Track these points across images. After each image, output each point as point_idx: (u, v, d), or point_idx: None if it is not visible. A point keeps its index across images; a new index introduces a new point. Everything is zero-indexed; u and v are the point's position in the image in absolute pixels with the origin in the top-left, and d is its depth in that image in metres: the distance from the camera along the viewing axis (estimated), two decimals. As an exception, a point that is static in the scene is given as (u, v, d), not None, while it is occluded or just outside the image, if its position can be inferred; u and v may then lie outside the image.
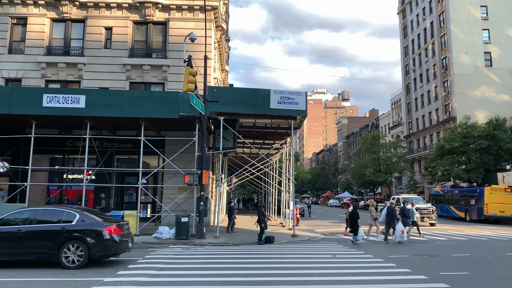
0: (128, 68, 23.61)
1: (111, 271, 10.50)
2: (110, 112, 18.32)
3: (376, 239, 20.06)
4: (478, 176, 38.13)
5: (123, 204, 23.11)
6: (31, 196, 19.81)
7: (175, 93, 19.11)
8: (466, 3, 54.05)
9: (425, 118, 60.99)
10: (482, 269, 11.30)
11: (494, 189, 31.96)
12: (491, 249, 15.94)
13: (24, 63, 23.57)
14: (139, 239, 17.26)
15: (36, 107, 17.98)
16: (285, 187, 28.43)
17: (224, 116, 19.61)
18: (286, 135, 25.50)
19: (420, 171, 60.08)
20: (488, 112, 47.33)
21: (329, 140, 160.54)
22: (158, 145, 21.26)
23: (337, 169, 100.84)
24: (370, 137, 62.83)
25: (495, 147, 37.62)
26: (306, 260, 12.94)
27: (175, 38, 23.88)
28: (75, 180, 23.33)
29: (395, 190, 66.40)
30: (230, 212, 22.11)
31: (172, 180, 22.04)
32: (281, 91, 19.71)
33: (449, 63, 53.73)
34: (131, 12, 24.25)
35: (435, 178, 42.88)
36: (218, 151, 20.67)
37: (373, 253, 14.37)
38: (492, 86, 52.27)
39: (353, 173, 66.12)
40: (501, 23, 53.32)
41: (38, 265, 11.14)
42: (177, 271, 10.77)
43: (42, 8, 24.07)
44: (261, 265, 11.91)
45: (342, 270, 10.97)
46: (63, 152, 23.05)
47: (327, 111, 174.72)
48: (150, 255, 13.51)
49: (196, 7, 24.11)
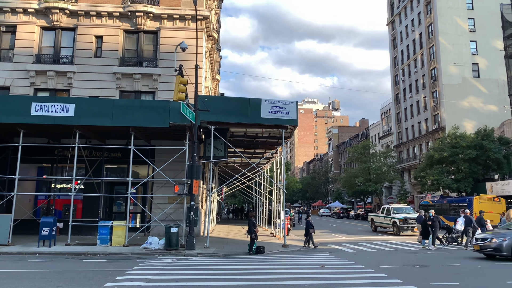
0: (119, 77, 23.51)
1: (98, 283, 10.31)
2: (99, 121, 18.17)
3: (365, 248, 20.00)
4: (467, 186, 38.45)
5: (112, 214, 22.83)
6: (18, 206, 19.47)
7: (166, 102, 19.03)
8: (454, 15, 55.04)
9: (414, 128, 61.56)
10: (472, 280, 11.32)
11: (482, 198, 32.22)
12: (481, 259, 15.99)
13: (13, 71, 23.35)
14: (128, 250, 17.04)
15: (24, 116, 17.74)
16: (276, 196, 28.36)
17: (215, 125, 19.55)
18: (277, 144, 25.51)
19: (410, 180, 60.47)
20: (476, 122, 47.95)
21: (320, 149, 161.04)
22: (148, 154, 21.10)
23: (328, 179, 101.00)
24: (360, 147, 63.14)
25: (483, 157, 38.02)
26: (296, 270, 12.85)
27: (166, 47, 23.86)
28: (63, 189, 23.05)
29: (385, 199, 66.64)
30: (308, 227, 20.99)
31: (162, 189, 21.85)
32: (272, 100, 19.74)
33: (437, 73, 54.47)
34: (122, 21, 24.22)
35: (424, 187, 43.15)
36: (208, 160, 20.57)
37: (364, 263, 14.32)
38: (479, 96, 53.05)
39: (344, 182, 66.27)
40: (488, 35, 54.30)
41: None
42: (166, 282, 10.61)
43: (32, 16, 23.93)
44: (251, 276, 11.79)
45: (332, 281, 10.90)
46: (52, 161, 22.78)
47: (317, 120, 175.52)
48: (139, 266, 13.31)
49: (188, 16, 24.17)
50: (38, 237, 17.33)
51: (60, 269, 12.62)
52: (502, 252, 14.79)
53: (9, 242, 17.60)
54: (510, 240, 14.74)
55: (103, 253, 16.41)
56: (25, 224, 20.34)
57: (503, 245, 14.73)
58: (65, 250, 16.59)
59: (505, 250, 14.70)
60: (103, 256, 15.98)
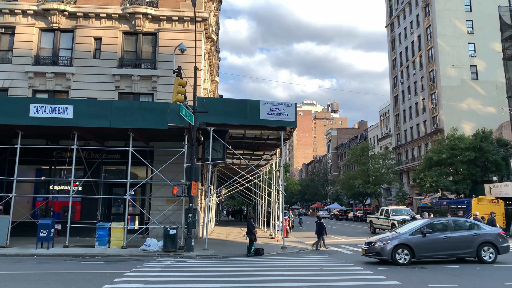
0: (117, 79, 23.50)
1: (96, 284, 10.28)
2: (98, 122, 18.14)
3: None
4: (465, 188, 38.48)
5: (111, 216, 22.80)
6: (16, 208, 19.43)
7: (165, 104, 19.03)
8: (452, 17, 55.17)
9: (413, 130, 61.63)
10: (470, 281, 11.32)
11: (481, 200, 32.24)
12: (476, 262, 15.99)
13: (11, 73, 23.33)
14: (126, 252, 17.01)
15: (22, 117, 17.71)
16: (275, 198, 28.35)
17: (214, 127, 19.55)
18: (276, 146, 25.51)
19: (408, 182, 60.50)
20: (475, 124, 48.00)
21: (319, 151, 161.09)
22: (147, 156, 21.08)
23: (327, 180, 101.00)
24: (359, 149, 63.16)
25: (482, 159, 38.06)
26: (295, 272, 12.83)
27: (165, 48, 23.87)
28: (61, 191, 23.01)
29: (384, 201, 66.65)
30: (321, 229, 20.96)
31: (161, 191, 21.83)
32: (270, 102, 19.76)
33: (436, 75, 54.57)
34: (121, 23, 24.22)
35: (423, 189, 43.16)
36: (207, 162, 20.56)
37: (363, 265, 14.32)
38: (478, 98, 53.14)
39: (343, 184, 66.27)
40: (486, 37, 54.42)
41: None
42: (165, 284, 10.59)
43: (31, 17, 23.92)
44: (250, 278, 11.78)
45: (330, 282, 10.89)
46: (50, 163, 22.74)
47: (316, 122, 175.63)
48: (138, 268, 13.28)
49: (186, 18, 24.18)
50: (36, 239, 17.29)
51: (58, 271, 12.59)
52: (382, 256, 14.28)
53: (7, 244, 17.56)
54: (391, 244, 14.19)
55: (102, 255, 16.38)
56: (23, 226, 20.28)
57: (385, 248, 14.20)
58: (63, 252, 16.55)
59: (386, 254, 14.17)
60: (102, 258, 15.95)
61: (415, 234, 14.56)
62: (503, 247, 14.76)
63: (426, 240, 14.36)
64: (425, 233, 14.43)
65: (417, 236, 14.44)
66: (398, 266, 14.00)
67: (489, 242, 14.64)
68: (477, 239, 14.60)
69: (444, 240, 14.48)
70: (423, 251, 14.27)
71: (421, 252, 14.24)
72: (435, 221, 15.63)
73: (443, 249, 14.43)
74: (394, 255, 14.14)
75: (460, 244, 14.53)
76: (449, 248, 14.47)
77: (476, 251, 14.51)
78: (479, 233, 14.76)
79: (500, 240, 14.82)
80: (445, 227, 15.03)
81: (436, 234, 14.63)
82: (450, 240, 14.48)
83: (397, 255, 14.15)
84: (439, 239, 14.48)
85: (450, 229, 14.88)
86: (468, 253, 14.60)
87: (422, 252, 14.26)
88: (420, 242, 14.31)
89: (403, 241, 14.31)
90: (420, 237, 14.40)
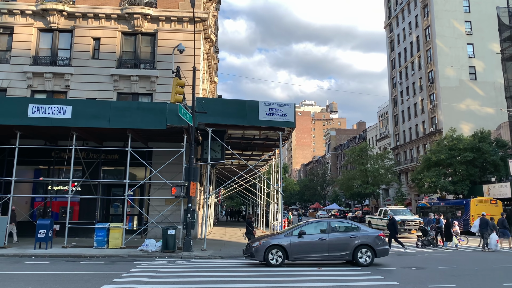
0: (116, 79, 23.48)
1: (95, 285, 10.27)
2: (97, 123, 18.12)
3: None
4: (464, 188, 38.55)
5: (109, 216, 22.78)
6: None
7: (163, 104, 19.02)
8: (451, 18, 55.26)
9: (411, 131, 61.70)
10: (469, 282, 11.33)
11: (479, 201, 32.32)
12: (478, 261, 16.03)
13: (10, 73, 23.29)
14: (125, 252, 16.99)
15: (21, 117, 17.68)
16: (274, 198, 28.35)
17: (213, 127, 19.55)
18: (275, 146, 25.50)
19: (407, 183, 60.56)
20: (473, 125, 48.09)
21: (318, 151, 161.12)
22: (145, 157, 21.07)
23: (325, 181, 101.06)
24: (357, 149, 63.22)
25: (480, 160, 38.13)
26: (293, 273, 12.83)
27: (164, 49, 23.86)
28: (60, 191, 22.98)
29: (383, 202, 66.72)
30: None
31: (159, 192, 21.81)
32: (269, 102, 19.75)
33: (435, 76, 54.65)
34: (120, 23, 24.21)
35: (422, 190, 43.21)
36: (206, 162, 20.56)
37: (361, 266, 14.31)
38: (476, 99, 53.24)
39: (341, 184, 66.31)
40: (485, 38, 54.52)
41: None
42: (163, 284, 10.58)
43: (29, 18, 23.89)
44: (248, 278, 11.78)
45: (329, 283, 10.90)
46: (48, 163, 22.71)
47: (315, 123, 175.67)
48: (136, 268, 13.27)
49: (185, 18, 24.17)
50: (35, 239, 17.25)
51: (56, 271, 12.58)
52: (255, 257, 13.95)
53: (5, 244, 17.54)
54: (265, 244, 13.85)
55: (100, 255, 16.36)
56: (22, 226, 20.26)
57: (259, 249, 13.86)
58: (61, 253, 16.52)
59: (259, 255, 13.83)
60: (100, 258, 15.93)
61: (291, 235, 14.19)
62: (381, 249, 14.32)
63: (302, 242, 13.95)
64: (301, 234, 14.02)
65: (292, 237, 14.05)
66: (396, 267, 13.99)
67: (367, 244, 14.16)
68: (354, 241, 14.13)
69: (320, 241, 14.07)
70: (297, 252, 13.86)
71: (295, 253, 13.82)
72: (314, 222, 15.27)
73: (319, 250, 13.97)
74: (267, 256, 13.74)
75: (337, 246, 14.07)
76: (325, 250, 13.98)
77: (352, 254, 14.06)
78: (357, 235, 14.29)
79: (378, 242, 14.35)
80: (324, 228, 14.58)
81: (313, 235, 14.21)
82: (326, 241, 14.06)
83: (270, 255, 13.77)
84: (315, 240, 14.08)
85: (328, 230, 14.42)
86: (344, 255, 14.15)
87: (296, 254, 13.84)
88: (295, 243, 13.90)
89: (277, 242, 13.95)
90: (296, 238, 14.00)
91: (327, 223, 14.85)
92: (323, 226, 14.73)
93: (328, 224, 14.73)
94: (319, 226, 14.82)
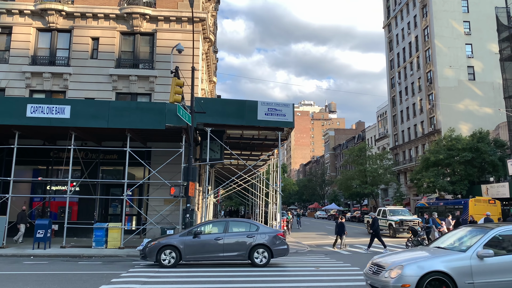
0: (115, 79, 23.45)
1: (93, 285, 10.27)
2: (95, 122, 18.09)
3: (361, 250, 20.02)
4: (462, 188, 38.58)
5: (108, 216, 22.76)
6: (13, 208, 19.37)
7: (162, 104, 19.01)
8: (450, 18, 55.31)
9: (410, 131, 61.75)
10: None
11: (478, 201, 32.33)
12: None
13: (8, 73, 23.24)
14: (124, 252, 16.98)
15: (19, 117, 17.64)
16: (272, 198, 28.35)
17: (211, 127, 19.55)
18: (274, 146, 25.51)
19: (406, 183, 60.59)
20: (472, 125, 48.15)
21: (316, 151, 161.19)
22: (144, 156, 21.04)
23: (324, 181, 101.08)
24: (356, 149, 63.28)
25: (478, 160, 38.17)
26: (292, 273, 12.84)
27: (163, 49, 23.84)
28: (58, 191, 22.94)
29: (382, 202, 66.76)
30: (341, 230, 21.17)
31: (158, 191, 21.80)
32: (268, 102, 19.76)
33: (433, 76, 54.70)
34: (119, 23, 24.18)
35: (420, 190, 43.24)
36: (205, 162, 20.56)
37: (360, 266, 14.31)
38: (475, 99, 53.30)
39: (340, 184, 66.34)
40: (483, 38, 54.58)
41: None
42: (162, 284, 10.58)
43: (28, 17, 23.85)
44: (247, 278, 11.78)
45: (327, 283, 10.90)
46: (47, 163, 22.68)
47: (314, 123, 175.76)
48: (134, 268, 13.27)
49: (184, 18, 24.16)
50: (33, 239, 17.24)
51: (54, 271, 12.57)
52: (148, 258, 13.62)
53: (4, 244, 17.52)
54: (158, 245, 13.60)
55: (99, 255, 16.35)
56: (20, 226, 20.21)
57: (152, 250, 13.54)
58: (60, 253, 16.51)
59: (152, 256, 13.49)
60: (99, 258, 15.92)
61: (186, 235, 14.00)
62: (278, 249, 14.16)
63: (196, 242, 13.76)
64: (196, 234, 13.85)
65: (187, 238, 13.86)
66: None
67: (263, 244, 13.97)
68: (251, 241, 13.95)
69: (215, 242, 13.88)
70: (192, 253, 13.62)
71: (189, 253, 13.58)
72: (212, 222, 15.25)
73: (213, 251, 13.77)
74: (159, 257, 13.48)
75: (232, 246, 13.87)
76: (220, 250, 13.79)
77: (248, 254, 13.88)
78: (254, 235, 14.08)
79: (276, 242, 14.15)
80: (222, 228, 14.40)
81: (209, 235, 14.07)
82: (222, 242, 13.87)
83: (163, 256, 13.51)
84: (210, 240, 13.90)
85: (226, 230, 14.23)
86: (240, 255, 13.93)
87: (190, 254, 13.61)
88: (189, 243, 13.70)
89: (170, 242, 13.71)
90: (191, 238, 13.81)
91: (226, 223, 14.70)
92: (221, 226, 14.55)
93: (226, 224, 14.55)
94: (218, 226, 14.66)
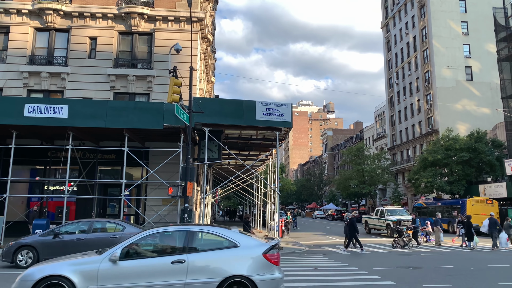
0: (113, 78, 23.42)
1: (91, 285, 10.23)
2: (93, 122, 18.07)
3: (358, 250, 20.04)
4: (460, 188, 38.69)
5: (106, 216, 22.65)
6: (10, 208, 19.33)
7: (160, 104, 18.99)
8: (448, 18, 55.44)
9: (408, 131, 61.85)
10: (464, 281, 11.38)
11: (475, 201, 32.44)
12: (474, 260, 16.09)
13: (6, 72, 23.17)
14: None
15: (17, 117, 17.61)
16: (271, 198, 28.36)
17: (210, 127, 19.54)
18: (272, 146, 25.51)
19: (403, 183, 60.70)
20: (469, 125, 48.28)
21: (315, 151, 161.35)
22: (142, 156, 21.02)
23: (322, 181, 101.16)
24: (354, 149, 63.34)
25: (476, 160, 38.29)
26: (290, 273, 12.84)
27: (161, 48, 23.82)
28: (56, 191, 22.88)
29: (379, 201, 66.84)
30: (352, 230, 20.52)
31: (156, 191, 21.77)
32: (266, 102, 19.77)
33: (431, 76, 54.82)
34: (117, 23, 24.14)
35: (418, 190, 43.35)
36: (203, 162, 20.54)
37: (358, 265, 14.36)
38: (473, 99, 53.45)
39: (338, 184, 66.40)
40: (481, 38, 54.75)
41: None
42: None
43: (26, 17, 23.79)
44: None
45: (325, 283, 10.92)
46: (44, 163, 22.61)
47: (312, 123, 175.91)
48: None
49: (182, 18, 24.14)
50: (31, 239, 17.15)
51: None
52: (4, 258, 13.13)
53: (1, 244, 17.46)
54: (12, 246, 13.16)
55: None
56: (18, 226, 20.10)
57: (9, 250, 13.09)
58: (57, 253, 16.42)
59: (8, 256, 13.06)
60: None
61: (46, 235, 13.58)
62: None
63: (56, 242, 13.27)
64: (56, 234, 13.42)
65: (47, 238, 13.41)
66: (392, 267, 14.02)
67: None
68: (115, 240, 13.04)
69: (76, 242, 13.34)
70: (50, 253, 12.77)
71: (47, 254, 12.75)
72: (76, 222, 14.86)
73: (74, 251, 12.90)
74: (15, 257, 13.03)
75: (94, 246, 12.94)
76: (81, 250, 12.99)
77: None
78: (119, 235, 13.52)
79: None
80: (85, 228, 13.98)
81: (71, 235, 13.66)
82: (84, 242, 13.27)
83: (20, 256, 13.08)
84: (70, 240, 13.38)
85: (89, 230, 13.84)
86: None
87: (48, 255, 12.69)
88: (48, 243, 13.21)
89: (28, 242, 13.30)
90: (50, 238, 13.35)
91: (90, 223, 14.37)
92: (85, 226, 14.21)
93: (90, 224, 14.23)
94: (82, 226, 14.30)
